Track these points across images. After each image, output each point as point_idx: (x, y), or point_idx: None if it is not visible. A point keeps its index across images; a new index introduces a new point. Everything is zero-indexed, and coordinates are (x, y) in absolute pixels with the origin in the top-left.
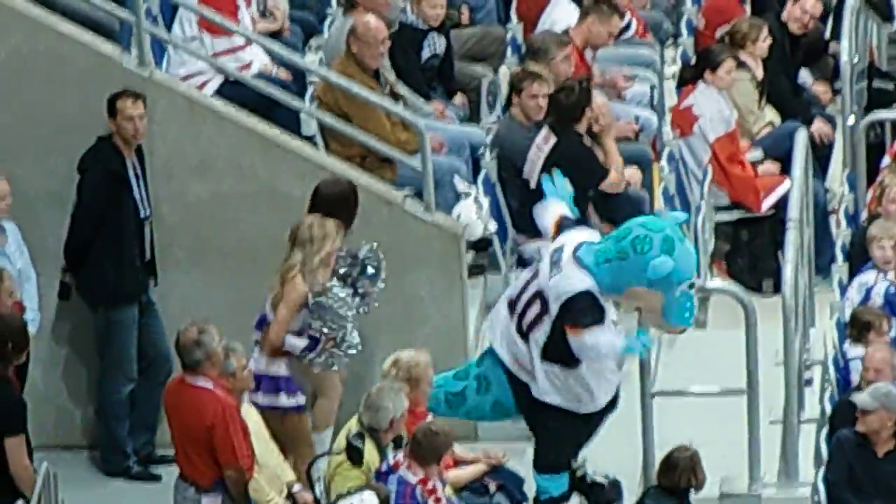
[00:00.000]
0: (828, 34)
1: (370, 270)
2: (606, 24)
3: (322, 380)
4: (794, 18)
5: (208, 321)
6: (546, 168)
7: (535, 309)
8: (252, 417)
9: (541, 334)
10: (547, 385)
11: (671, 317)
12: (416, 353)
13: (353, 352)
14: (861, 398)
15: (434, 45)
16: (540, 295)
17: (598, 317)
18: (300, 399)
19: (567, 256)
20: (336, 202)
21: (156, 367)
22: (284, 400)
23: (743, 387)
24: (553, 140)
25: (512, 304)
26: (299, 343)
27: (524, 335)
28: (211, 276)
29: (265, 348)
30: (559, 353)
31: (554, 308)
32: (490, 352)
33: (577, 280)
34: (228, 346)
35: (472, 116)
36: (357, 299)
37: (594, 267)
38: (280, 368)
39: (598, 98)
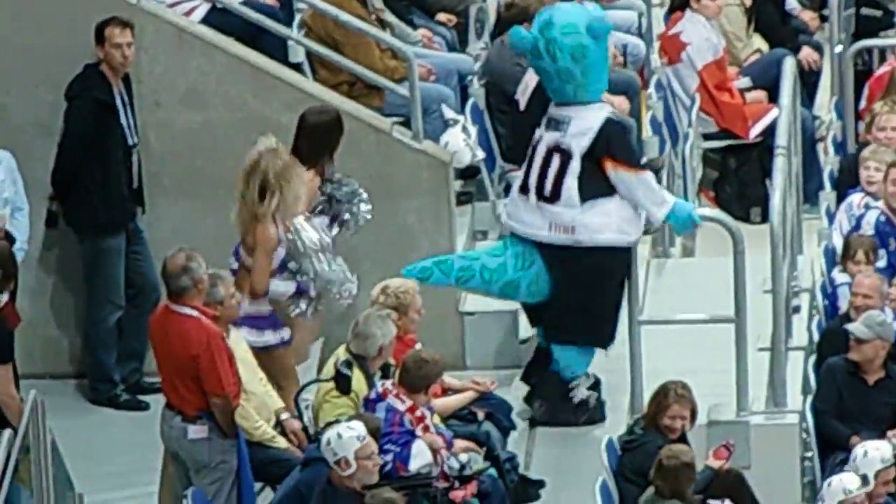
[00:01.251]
0: None
1: (345, 192)
2: None
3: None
4: None
5: (196, 249)
6: (535, 95)
7: (556, 163)
8: (240, 345)
9: (572, 181)
10: (596, 222)
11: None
12: (405, 281)
13: (350, 293)
14: (856, 327)
15: None
16: (557, 149)
17: (636, 158)
18: (285, 333)
19: (558, 109)
20: (322, 131)
21: (143, 295)
22: (270, 336)
23: (731, 314)
24: None
25: (523, 187)
26: (286, 289)
27: (552, 197)
28: (199, 205)
29: (247, 292)
30: (595, 187)
31: (578, 146)
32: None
33: (590, 114)
34: (216, 274)
35: (460, 43)
36: (335, 229)
37: (580, 96)
38: (263, 307)
39: None
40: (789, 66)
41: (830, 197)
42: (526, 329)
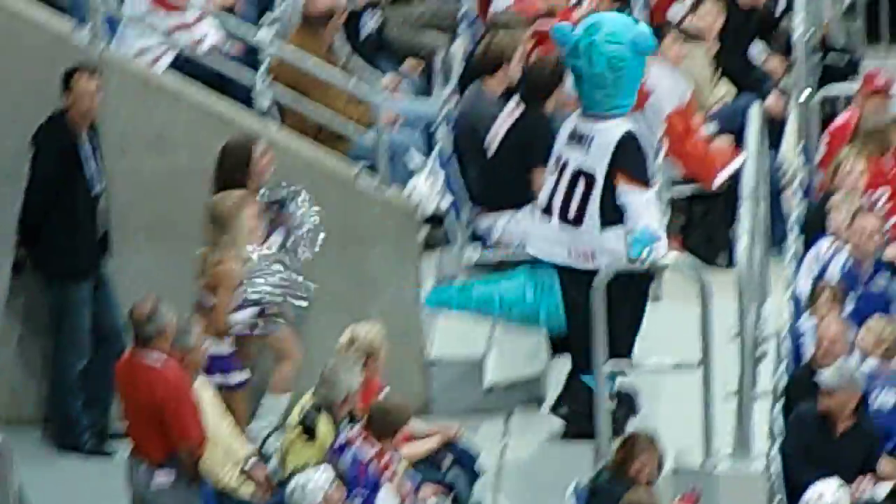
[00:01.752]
0: (781, 9)
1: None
2: None
3: (281, 344)
4: None
5: (162, 296)
6: (506, 139)
7: (581, 188)
8: (206, 392)
9: (595, 205)
10: (615, 248)
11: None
12: (372, 327)
13: (303, 303)
14: (826, 376)
15: (371, 21)
16: (581, 173)
17: (647, 176)
18: (244, 375)
19: (585, 123)
20: (242, 155)
21: (110, 342)
22: (228, 378)
23: (698, 361)
24: (519, 111)
25: (547, 208)
26: (245, 317)
27: (576, 220)
28: (165, 252)
29: (209, 331)
30: (615, 211)
31: (601, 168)
32: (531, 264)
33: (611, 130)
34: (187, 321)
35: (426, 90)
36: (289, 242)
37: (611, 107)
38: (223, 348)
39: None
40: (756, 113)
41: (797, 243)
42: (491, 376)
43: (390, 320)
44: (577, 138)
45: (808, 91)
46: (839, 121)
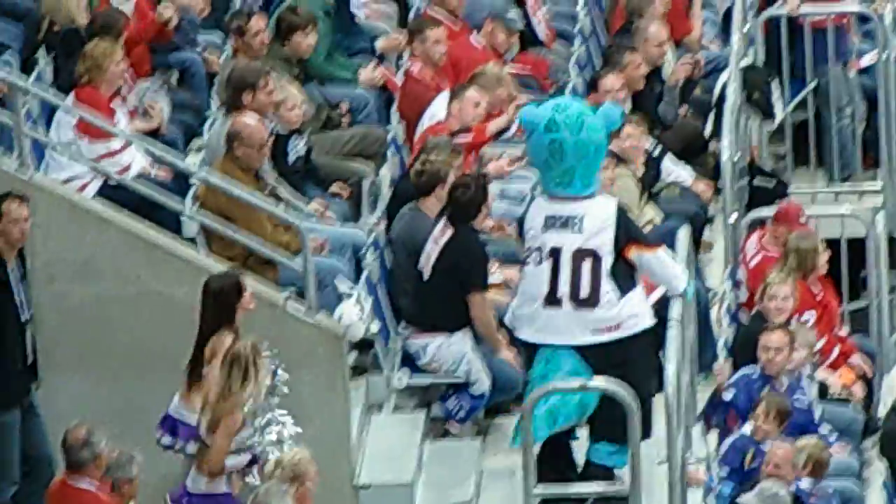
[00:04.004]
0: (708, 132)
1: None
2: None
3: None
4: None
5: (91, 423)
6: (439, 262)
7: (588, 265)
8: None
9: (607, 282)
10: (636, 311)
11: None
12: (298, 451)
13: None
14: (749, 500)
15: (298, 146)
16: (581, 251)
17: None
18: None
19: (561, 205)
20: (228, 292)
21: (38, 469)
22: None
23: (626, 487)
24: (449, 233)
25: (550, 297)
26: (242, 461)
27: (591, 301)
28: (94, 379)
29: (204, 471)
30: (626, 280)
31: (604, 245)
32: (546, 361)
33: (600, 207)
34: (130, 454)
35: (354, 216)
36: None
37: (576, 188)
38: (220, 486)
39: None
40: (683, 237)
41: (725, 367)
42: (421, 500)
43: (320, 445)
44: (558, 222)
45: (735, 214)
46: (756, 260)
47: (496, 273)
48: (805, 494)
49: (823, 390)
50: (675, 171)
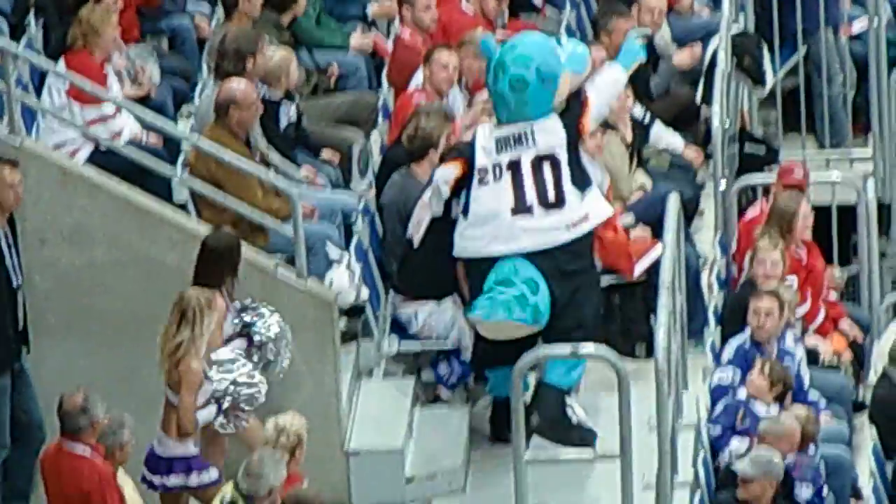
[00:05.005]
0: (699, 98)
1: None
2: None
3: (251, 435)
4: None
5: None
6: (430, 231)
7: (548, 169)
8: (127, 485)
9: (568, 183)
10: (599, 203)
11: (576, 65)
12: (296, 418)
13: (259, 399)
14: (742, 466)
15: (289, 112)
16: (539, 158)
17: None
18: (213, 474)
19: (509, 128)
20: (223, 254)
21: (28, 435)
22: (196, 478)
23: (616, 452)
24: None
25: (519, 206)
26: (209, 414)
27: (557, 203)
28: (85, 345)
29: (171, 432)
30: (583, 176)
31: (560, 148)
32: (518, 261)
33: (548, 119)
34: (121, 418)
35: (344, 182)
36: (255, 350)
37: (526, 115)
38: (189, 448)
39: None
40: (673, 204)
41: (715, 334)
42: (411, 466)
43: (310, 411)
44: (511, 141)
45: (725, 181)
46: (752, 213)
47: None
48: (789, 467)
49: (814, 357)
50: (666, 137)
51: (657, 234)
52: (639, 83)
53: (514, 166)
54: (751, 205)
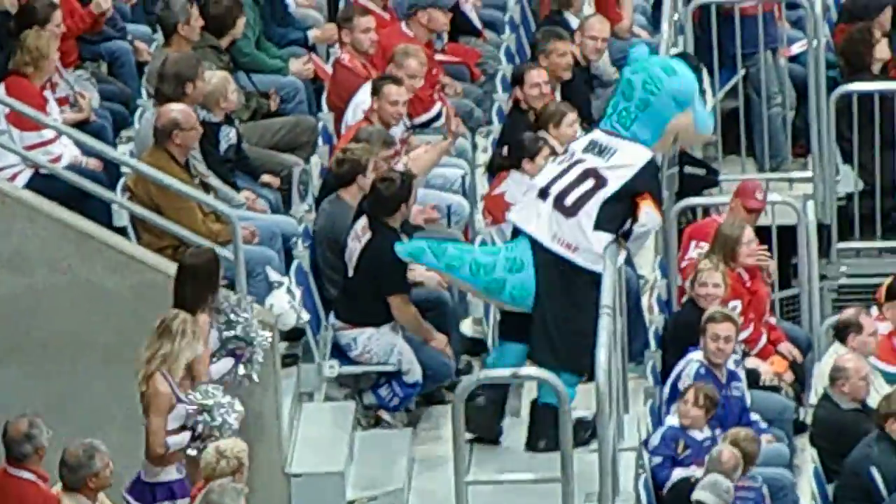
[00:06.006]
0: None
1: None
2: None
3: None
4: None
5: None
6: (361, 262)
7: (588, 185)
8: None
9: (595, 205)
10: (596, 252)
11: (701, 125)
12: (237, 441)
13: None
14: (703, 496)
15: (229, 136)
16: (593, 172)
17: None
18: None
19: (608, 138)
20: (202, 271)
21: None
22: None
23: (558, 474)
24: (368, 235)
25: (543, 192)
26: (182, 440)
27: (570, 211)
28: (26, 370)
29: (148, 456)
30: (610, 221)
31: (617, 177)
32: (521, 239)
33: (636, 151)
34: (93, 446)
35: (284, 205)
36: (240, 367)
37: (632, 132)
38: (171, 474)
39: None
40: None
41: (656, 356)
42: (353, 489)
43: (251, 434)
44: (596, 148)
45: (665, 203)
46: (701, 223)
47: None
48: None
49: (754, 378)
50: None
51: None
52: (581, 107)
53: (576, 162)
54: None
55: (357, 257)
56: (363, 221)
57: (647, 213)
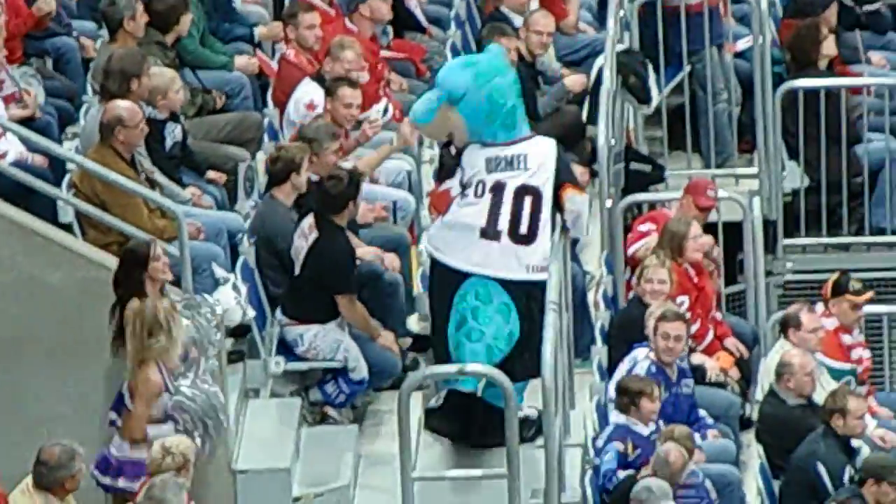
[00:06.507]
0: (585, 117)
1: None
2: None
3: None
4: None
5: None
6: (308, 260)
7: (528, 205)
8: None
9: (546, 219)
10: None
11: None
12: (181, 438)
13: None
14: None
15: (174, 132)
16: (523, 190)
17: None
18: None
19: (506, 148)
20: (129, 262)
21: None
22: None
23: (504, 470)
24: (315, 234)
25: (489, 231)
26: (167, 431)
27: (528, 238)
28: None
29: (126, 437)
30: (554, 220)
31: (545, 182)
32: (476, 294)
33: (539, 143)
34: (72, 449)
35: (230, 202)
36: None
37: (519, 128)
38: (143, 454)
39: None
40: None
41: (602, 352)
42: (298, 485)
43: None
44: (503, 163)
45: (611, 199)
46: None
47: None
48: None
49: (700, 374)
50: None
51: None
52: (527, 103)
53: (498, 189)
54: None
55: (304, 255)
56: (310, 220)
57: (572, 199)
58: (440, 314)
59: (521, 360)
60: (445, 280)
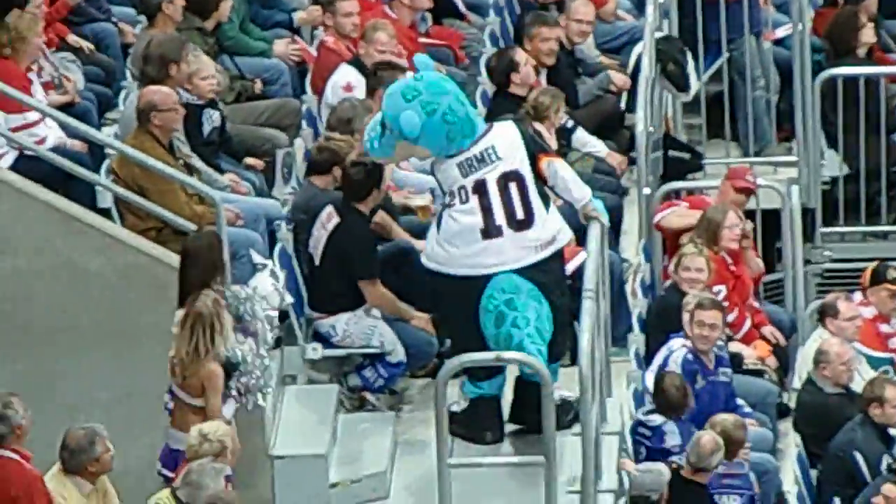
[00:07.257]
0: (623, 104)
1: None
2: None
3: None
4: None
5: (8, 396)
6: (328, 249)
7: (515, 187)
8: (73, 492)
9: (536, 198)
10: (560, 221)
11: None
12: (221, 424)
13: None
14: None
15: (213, 118)
16: (506, 177)
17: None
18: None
19: (470, 150)
20: (204, 254)
21: None
22: None
23: (541, 457)
24: (336, 219)
25: (489, 229)
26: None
27: (527, 222)
28: (9, 352)
29: (174, 426)
30: (543, 192)
31: (522, 162)
32: (503, 289)
33: (501, 128)
34: (94, 432)
35: (268, 188)
36: (249, 339)
37: (477, 124)
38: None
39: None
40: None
41: (639, 339)
42: (335, 471)
43: (235, 417)
44: (474, 162)
45: (649, 186)
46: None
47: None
48: (716, 476)
49: (738, 362)
50: (590, 141)
51: (580, 240)
52: (567, 92)
53: (481, 186)
54: None
55: (324, 244)
56: (329, 209)
57: (550, 166)
58: (467, 325)
59: (553, 340)
60: (462, 291)
